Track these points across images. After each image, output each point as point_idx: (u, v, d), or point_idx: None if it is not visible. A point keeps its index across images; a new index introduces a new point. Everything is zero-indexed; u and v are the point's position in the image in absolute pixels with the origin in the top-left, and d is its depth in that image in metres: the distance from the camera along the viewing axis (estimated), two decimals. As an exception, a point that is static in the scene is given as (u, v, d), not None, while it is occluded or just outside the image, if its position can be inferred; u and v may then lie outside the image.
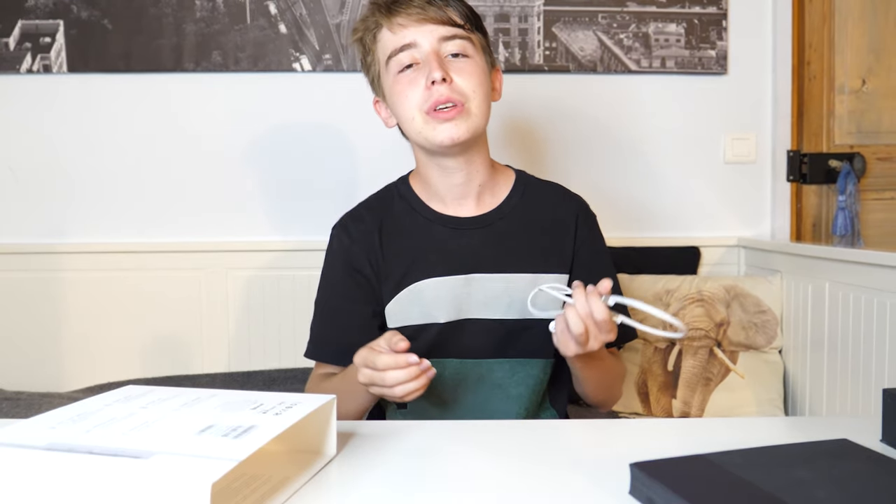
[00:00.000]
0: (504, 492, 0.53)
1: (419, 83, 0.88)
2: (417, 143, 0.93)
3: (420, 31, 0.88)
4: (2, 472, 0.46)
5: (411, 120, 0.89)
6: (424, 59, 0.88)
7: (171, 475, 0.44)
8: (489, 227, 0.94)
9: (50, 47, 1.64)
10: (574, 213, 1.00)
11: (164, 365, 1.66)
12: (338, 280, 0.96)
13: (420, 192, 0.97)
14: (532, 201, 0.99)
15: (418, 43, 0.88)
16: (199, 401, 0.59)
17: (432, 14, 0.88)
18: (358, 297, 0.94)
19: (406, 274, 0.92)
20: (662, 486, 0.46)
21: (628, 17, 1.72)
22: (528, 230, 0.96)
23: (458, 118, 0.87)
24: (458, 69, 0.88)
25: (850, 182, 1.72)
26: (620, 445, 0.64)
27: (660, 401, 1.55)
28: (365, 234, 0.96)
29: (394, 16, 0.89)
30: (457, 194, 0.95)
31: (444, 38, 0.88)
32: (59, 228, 1.68)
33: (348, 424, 0.69)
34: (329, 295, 0.98)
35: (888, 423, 0.61)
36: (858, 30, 1.77)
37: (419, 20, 0.88)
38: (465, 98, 0.88)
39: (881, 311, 1.25)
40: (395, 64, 0.89)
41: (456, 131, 0.87)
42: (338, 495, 0.53)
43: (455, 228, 0.94)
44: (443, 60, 0.88)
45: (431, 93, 0.87)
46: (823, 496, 0.45)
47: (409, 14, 0.88)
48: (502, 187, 0.98)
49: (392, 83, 0.91)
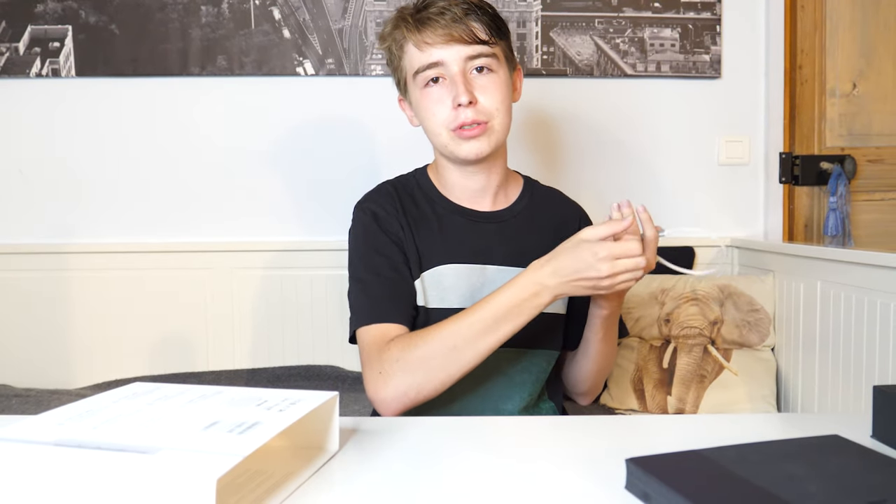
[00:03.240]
0: (503, 486, 0.53)
1: (445, 102, 0.92)
2: (443, 153, 0.97)
3: (447, 51, 0.90)
4: (12, 467, 0.47)
5: (438, 135, 0.94)
6: (451, 79, 0.91)
7: (177, 470, 0.44)
8: (503, 223, 1.00)
9: (59, 52, 1.67)
10: (576, 215, 1.07)
11: (170, 362, 1.68)
12: (381, 248, 0.94)
13: (438, 185, 1.02)
14: (539, 203, 1.05)
15: (445, 62, 0.91)
16: (204, 398, 0.59)
17: (458, 33, 0.90)
18: (402, 263, 0.94)
19: (428, 256, 0.96)
20: (658, 480, 0.47)
21: (624, 23, 1.75)
22: (536, 229, 1.01)
23: (482, 136, 0.92)
24: (482, 87, 0.92)
25: (840, 184, 1.74)
26: (617, 441, 0.64)
27: (655, 397, 1.57)
28: (394, 207, 0.98)
29: (421, 33, 0.91)
30: (474, 194, 1.00)
31: (470, 57, 0.91)
32: (68, 229, 1.71)
33: (350, 420, 0.68)
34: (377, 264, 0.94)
35: (878, 419, 0.62)
36: (849, 35, 1.80)
37: (446, 40, 0.90)
38: (490, 117, 0.92)
39: (872, 310, 1.27)
40: (422, 79, 0.93)
41: (479, 148, 0.92)
42: (340, 490, 0.53)
43: (473, 221, 0.99)
44: (469, 81, 0.91)
45: (458, 114, 0.91)
46: (815, 490, 0.45)
47: (435, 33, 0.90)
48: (513, 189, 1.04)
49: (420, 96, 0.94)
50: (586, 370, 1.01)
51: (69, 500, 0.44)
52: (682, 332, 1.58)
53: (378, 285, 0.92)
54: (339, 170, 1.73)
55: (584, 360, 1.00)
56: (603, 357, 0.99)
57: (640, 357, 1.60)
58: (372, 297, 0.92)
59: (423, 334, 0.84)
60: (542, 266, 0.81)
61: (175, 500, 0.42)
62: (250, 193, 1.73)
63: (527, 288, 0.81)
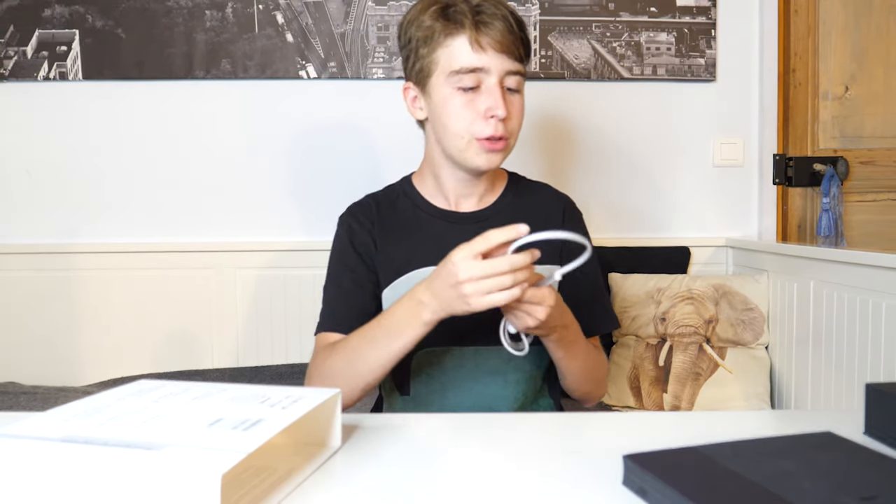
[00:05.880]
0: (501, 482, 0.54)
1: (479, 109, 0.91)
2: (451, 155, 0.96)
3: (497, 59, 0.89)
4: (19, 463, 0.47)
5: (458, 138, 0.92)
6: (489, 89, 0.90)
7: (181, 466, 0.44)
8: (485, 221, 0.99)
9: (66, 56, 1.70)
10: (561, 208, 1.06)
11: (175, 360, 1.71)
12: (348, 261, 0.99)
13: (423, 191, 1.03)
14: (523, 198, 1.05)
15: (490, 70, 0.89)
16: (208, 395, 0.60)
17: (509, 44, 0.89)
18: (366, 279, 0.98)
19: (405, 262, 0.97)
20: (654, 476, 0.47)
21: (621, 27, 1.78)
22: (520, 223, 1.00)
23: (500, 152, 0.93)
24: (511, 105, 0.92)
25: (833, 185, 1.76)
26: (614, 438, 0.64)
27: (651, 395, 1.59)
28: (370, 221, 1.01)
29: (479, 33, 0.88)
30: (463, 193, 1.01)
31: (510, 73, 0.91)
32: (74, 229, 1.73)
33: (352, 417, 0.69)
34: (341, 276, 0.99)
35: (871, 416, 0.62)
36: (842, 39, 1.82)
37: (499, 48, 0.88)
38: (511, 135, 0.93)
39: (864, 309, 1.28)
40: (459, 80, 0.91)
41: (495, 163, 0.94)
42: (342, 486, 0.53)
43: (453, 222, 1.00)
44: (506, 95, 0.91)
45: (489, 124, 0.90)
46: (809, 486, 0.45)
47: (492, 37, 0.88)
48: (498, 186, 1.04)
49: (448, 95, 0.92)
50: (568, 382, 0.99)
51: (76, 495, 0.44)
52: (678, 330, 1.60)
53: (336, 296, 0.98)
54: (340, 171, 1.76)
55: (561, 376, 0.98)
56: (579, 371, 0.96)
57: (637, 355, 1.62)
58: (328, 306, 0.98)
59: (336, 346, 0.90)
60: (424, 284, 0.81)
61: (180, 496, 0.43)
62: (253, 194, 1.76)
63: (409, 307, 0.82)
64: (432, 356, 0.97)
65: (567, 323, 0.89)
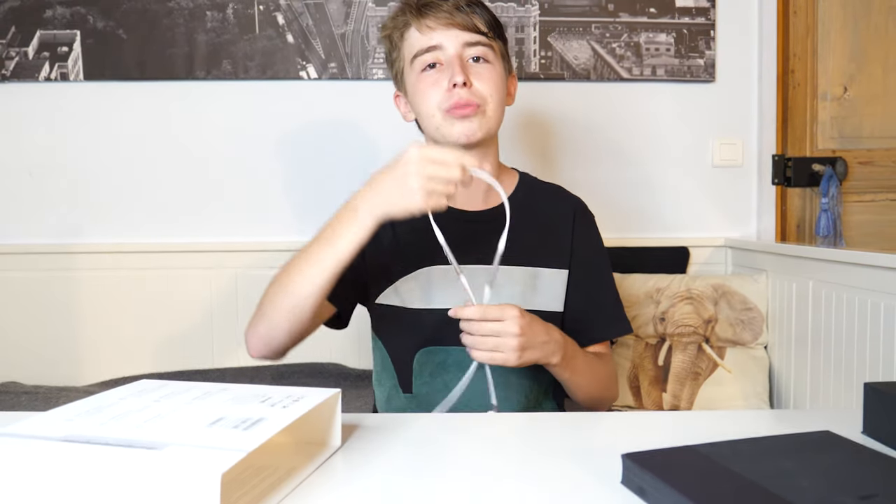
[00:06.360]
0: (501, 481, 0.54)
1: (441, 84, 0.94)
2: (434, 138, 0.98)
3: (446, 34, 0.94)
4: (21, 462, 0.47)
5: (431, 117, 0.95)
6: (448, 62, 0.94)
7: (182, 466, 0.45)
8: (494, 222, 0.97)
9: (67, 56, 1.70)
10: (572, 211, 1.05)
11: (176, 360, 1.71)
12: None
13: None
14: (534, 200, 1.04)
15: (444, 46, 0.94)
16: (209, 394, 0.60)
17: (459, 20, 0.94)
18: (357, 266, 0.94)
19: (417, 258, 0.97)
20: (653, 476, 0.47)
21: (620, 28, 1.79)
22: (530, 226, 1.00)
23: (474, 117, 0.93)
24: (477, 73, 0.94)
25: (832, 185, 1.76)
26: (613, 437, 0.65)
27: (650, 394, 1.59)
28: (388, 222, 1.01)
29: (423, 17, 0.94)
30: (466, 192, 0.99)
31: (468, 44, 0.94)
32: (76, 230, 1.73)
33: (352, 417, 0.69)
34: None
35: (869, 415, 0.62)
36: (840, 39, 1.83)
37: (447, 24, 0.94)
38: (483, 101, 0.94)
39: (862, 309, 1.28)
40: (420, 63, 0.96)
41: (471, 129, 0.93)
42: (342, 485, 0.54)
43: (463, 222, 0.99)
44: (465, 65, 0.94)
45: (452, 94, 0.93)
46: (807, 485, 0.46)
47: (437, 18, 0.94)
48: (507, 186, 1.03)
49: (415, 80, 0.97)
50: (579, 397, 0.99)
51: (77, 494, 0.45)
52: (677, 330, 1.60)
53: None
54: (341, 171, 1.76)
55: (571, 393, 0.98)
56: (587, 385, 0.96)
57: (636, 355, 1.63)
58: None
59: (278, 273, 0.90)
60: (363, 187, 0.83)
61: (181, 495, 0.43)
62: (254, 195, 1.76)
63: (345, 213, 0.83)
64: (435, 356, 0.97)
65: (556, 337, 0.89)
